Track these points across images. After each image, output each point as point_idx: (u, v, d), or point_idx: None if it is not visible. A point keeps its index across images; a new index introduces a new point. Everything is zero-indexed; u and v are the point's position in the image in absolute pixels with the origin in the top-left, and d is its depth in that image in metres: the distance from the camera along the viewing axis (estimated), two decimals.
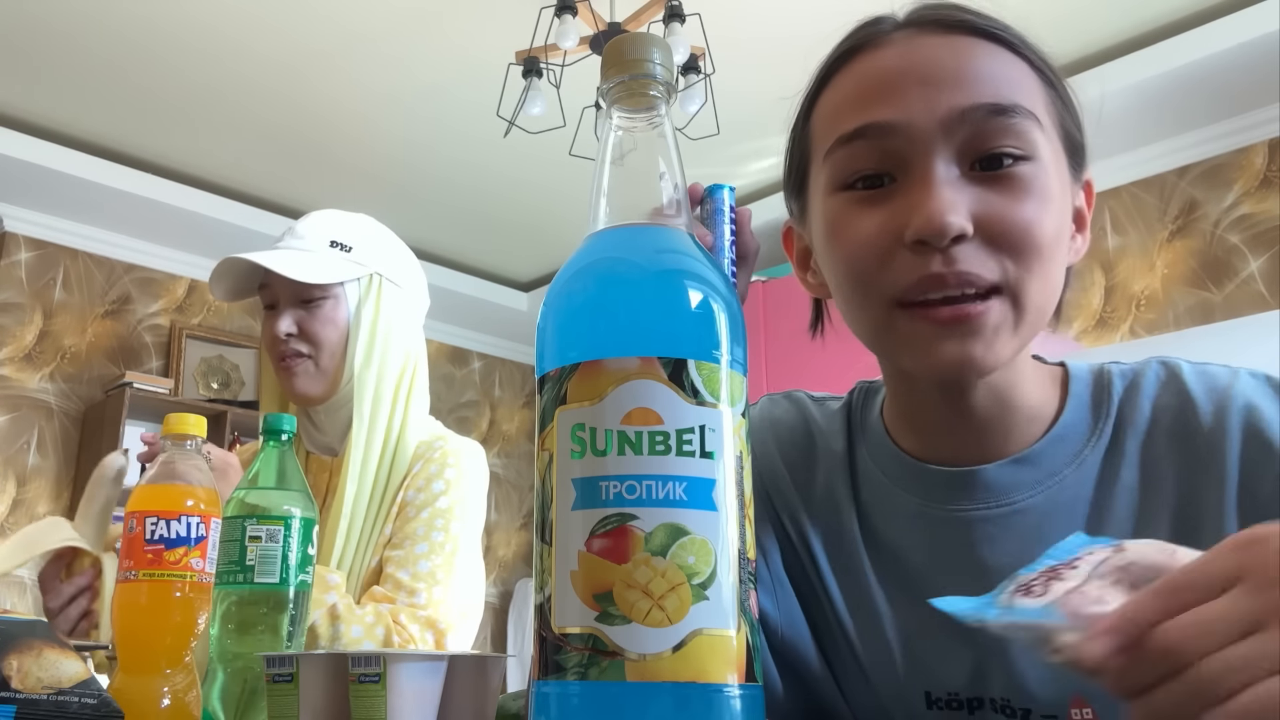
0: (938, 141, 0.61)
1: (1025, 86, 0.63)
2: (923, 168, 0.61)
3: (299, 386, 1.34)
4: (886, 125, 0.62)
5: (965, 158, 0.61)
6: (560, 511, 0.41)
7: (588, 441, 0.40)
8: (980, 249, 0.60)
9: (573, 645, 0.39)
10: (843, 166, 0.64)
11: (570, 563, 0.40)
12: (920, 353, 0.62)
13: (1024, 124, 0.61)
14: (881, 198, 0.63)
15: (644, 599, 0.38)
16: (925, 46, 0.64)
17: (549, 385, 0.43)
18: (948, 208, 0.58)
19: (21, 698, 0.57)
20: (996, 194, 0.61)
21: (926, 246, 0.59)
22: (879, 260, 0.62)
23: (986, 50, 0.63)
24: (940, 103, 0.61)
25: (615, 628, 0.38)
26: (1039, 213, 0.61)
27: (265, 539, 0.83)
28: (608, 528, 0.39)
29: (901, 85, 0.62)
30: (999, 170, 0.61)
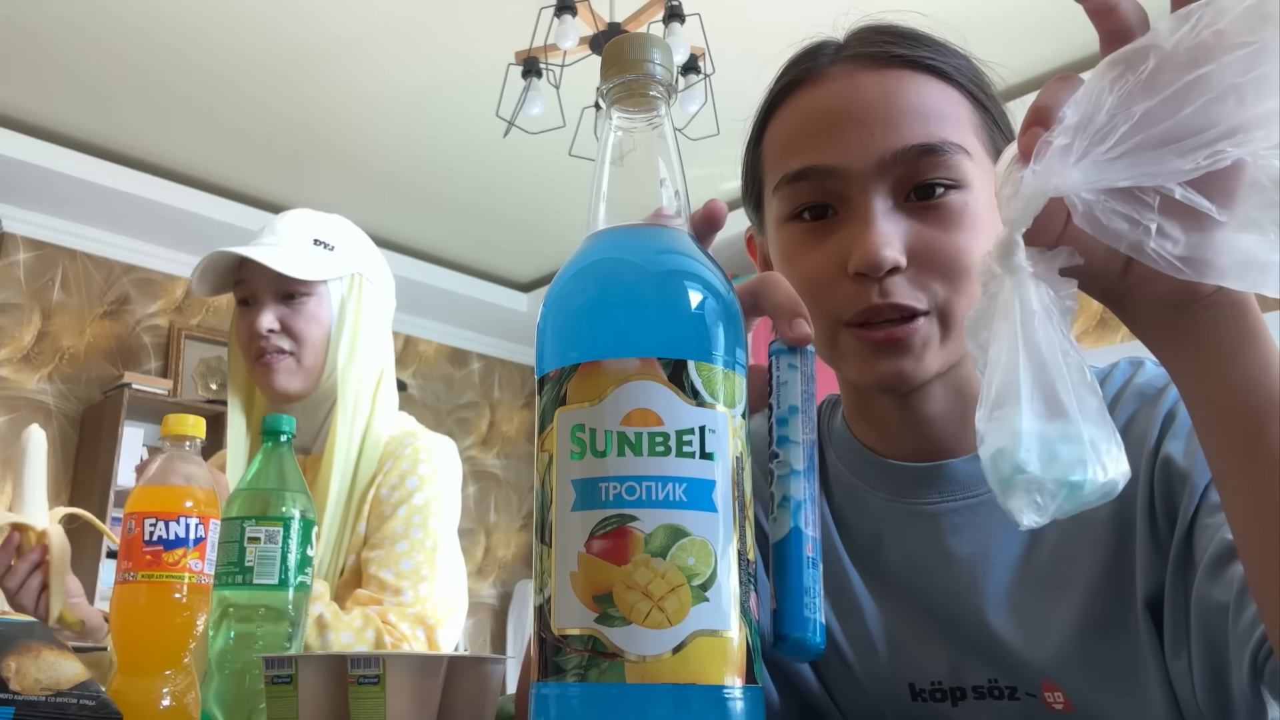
0: (873, 180, 0.67)
1: (954, 117, 0.69)
2: (861, 204, 0.67)
3: (279, 383, 1.33)
4: (826, 169, 0.68)
5: (900, 190, 0.67)
6: (560, 513, 0.40)
7: (587, 442, 0.40)
8: (913, 279, 0.66)
9: (572, 647, 0.39)
10: (790, 200, 0.71)
11: (570, 564, 0.39)
12: (860, 367, 0.69)
13: (953, 158, 0.67)
14: (826, 229, 0.69)
15: (644, 600, 0.38)
16: (860, 85, 0.70)
17: (548, 386, 0.42)
18: (884, 243, 0.65)
19: (20, 699, 0.56)
20: (929, 225, 0.67)
21: (865, 278, 0.66)
22: (825, 287, 0.69)
23: (917, 84, 0.69)
24: (874, 146, 0.67)
25: (615, 629, 0.38)
26: (969, 240, 0.67)
27: (264, 540, 0.83)
28: (607, 529, 0.39)
29: (839, 127, 0.69)
30: (932, 200, 0.67)
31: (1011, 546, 0.69)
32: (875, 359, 0.68)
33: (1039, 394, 0.42)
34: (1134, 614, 0.63)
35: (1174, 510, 0.62)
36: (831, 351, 0.71)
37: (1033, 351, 0.42)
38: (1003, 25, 2.93)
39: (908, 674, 0.70)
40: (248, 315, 1.35)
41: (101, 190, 3.70)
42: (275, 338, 1.32)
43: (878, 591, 0.73)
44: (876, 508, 0.74)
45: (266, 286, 1.34)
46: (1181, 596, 0.60)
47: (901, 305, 0.66)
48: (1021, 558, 0.68)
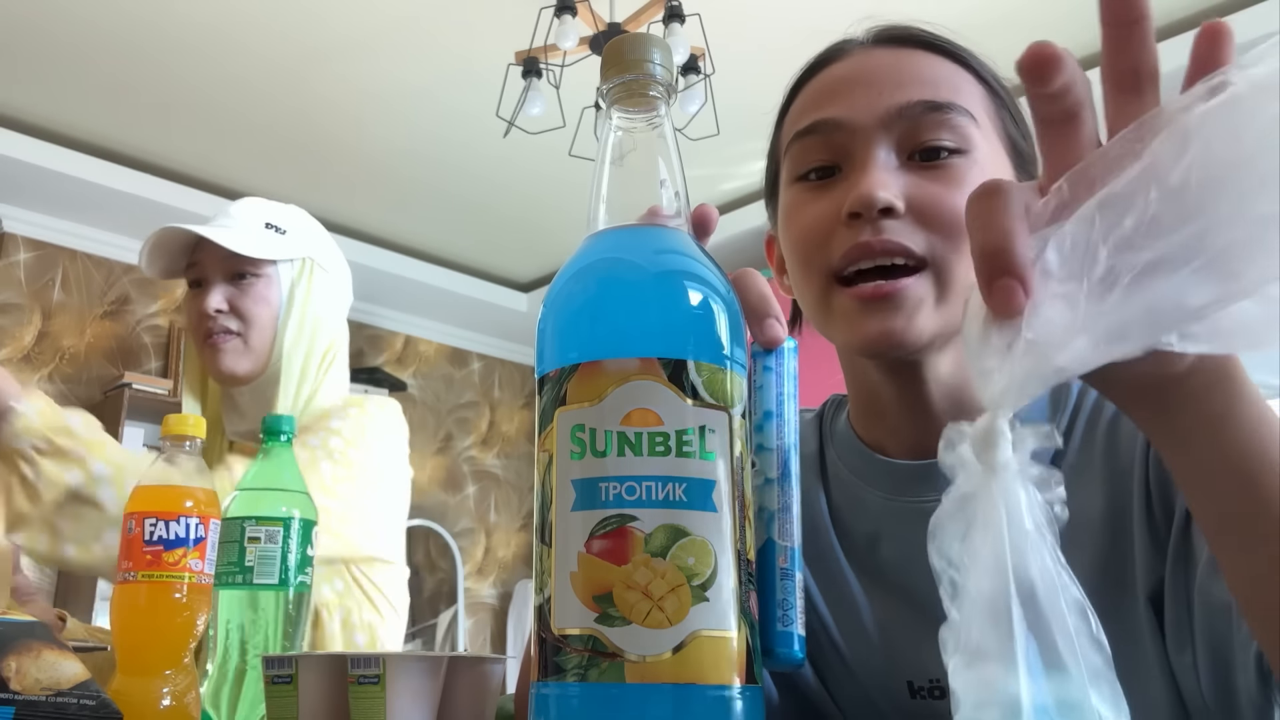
0: (878, 134, 0.67)
1: (963, 89, 0.70)
2: (863, 156, 0.67)
3: (225, 364, 1.32)
4: (833, 121, 0.69)
5: (904, 149, 0.67)
6: (560, 512, 0.41)
7: (587, 442, 0.40)
8: (909, 225, 0.65)
9: (572, 646, 0.39)
10: (797, 160, 0.72)
11: (570, 564, 0.39)
12: (848, 327, 0.68)
13: (958, 119, 0.67)
14: (829, 185, 0.70)
15: (644, 600, 0.38)
16: (875, 57, 0.72)
17: (549, 386, 0.43)
18: (878, 184, 0.65)
19: (20, 699, 0.56)
20: (930, 180, 0.66)
21: (859, 219, 0.66)
22: (821, 238, 0.68)
23: (929, 59, 0.71)
24: (881, 101, 0.68)
25: (615, 629, 0.38)
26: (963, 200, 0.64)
27: (264, 540, 0.83)
28: (607, 529, 0.39)
29: (848, 88, 0.70)
30: (935, 161, 0.67)
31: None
32: (863, 316, 0.66)
33: (1034, 645, 0.34)
34: (1134, 609, 0.63)
35: (1170, 505, 0.62)
36: (823, 313, 0.70)
37: (1025, 587, 0.34)
38: (1002, 25, 2.93)
39: (906, 672, 0.70)
40: (198, 297, 1.35)
41: (102, 190, 3.70)
42: (223, 318, 1.32)
43: (875, 590, 0.73)
44: (874, 506, 0.74)
45: (217, 267, 1.34)
46: (1183, 593, 0.60)
47: (895, 244, 0.65)
48: None
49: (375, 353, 4.75)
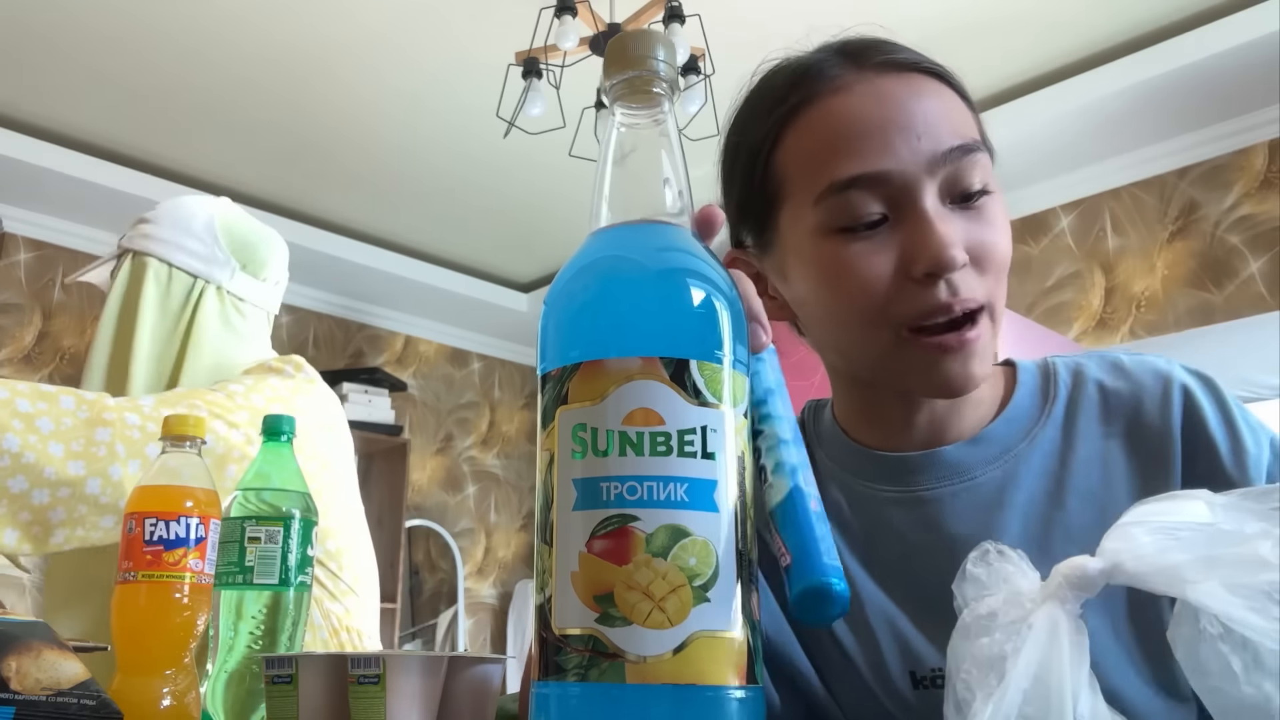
0: (925, 181, 0.67)
1: (970, 120, 0.72)
2: (918, 207, 0.67)
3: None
4: (882, 174, 0.68)
5: (946, 194, 0.68)
6: (561, 512, 0.40)
7: (589, 442, 0.40)
8: (970, 274, 0.68)
9: (573, 646, 0.39)
10: (838, 210, 0.69)
11: (571, 564, 0.39)
12: (927, 375, 0.69)
13: (984, 158, 0.70)
14: (879, 237, 0.69)
15: (645, 600, 0.38)
16: (889, 92, 0.70)
17: (550, 385, 0.42)
18: (950, 242, 0.66)
19: (21, 699, 0.56)
20: (976, 224, 0.69)
21: (933, 278, 0.67)
22: (888, 293, 0.68)
23: (937, 90, 0.71)
24: (922, 148, 0.68)
25: (615, 629, 0.38)
26: (1006, 238, 0.70)
27: (264, 540, 0.83)
28: (609, 529, 0.39)
29: (885, 133, 0.68)
30: (970, 203, 0.69)
31: (1013, 525, 0.71)
32: (944, 364, 0.68)
33: None
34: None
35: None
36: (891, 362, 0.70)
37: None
38: (1003, 26, 2.93)
39: (909, 663, 0.71)
40: None
41: (102, 190, 3.70)
42: None
43: (877, 582, 0.74)
44: (874, 499, 0.75)
45: None
46: None
47: (970, 299, 0.67)
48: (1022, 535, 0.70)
49: (375, 353, 4.75)
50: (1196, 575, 0.37)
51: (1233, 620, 0.35)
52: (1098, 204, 3.44)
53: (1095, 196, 3.44)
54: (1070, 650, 0.38)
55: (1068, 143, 3.26)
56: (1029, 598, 0.40)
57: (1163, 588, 0.37)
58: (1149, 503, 0.41)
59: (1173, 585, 0.37)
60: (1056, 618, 0.39)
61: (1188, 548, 0.38)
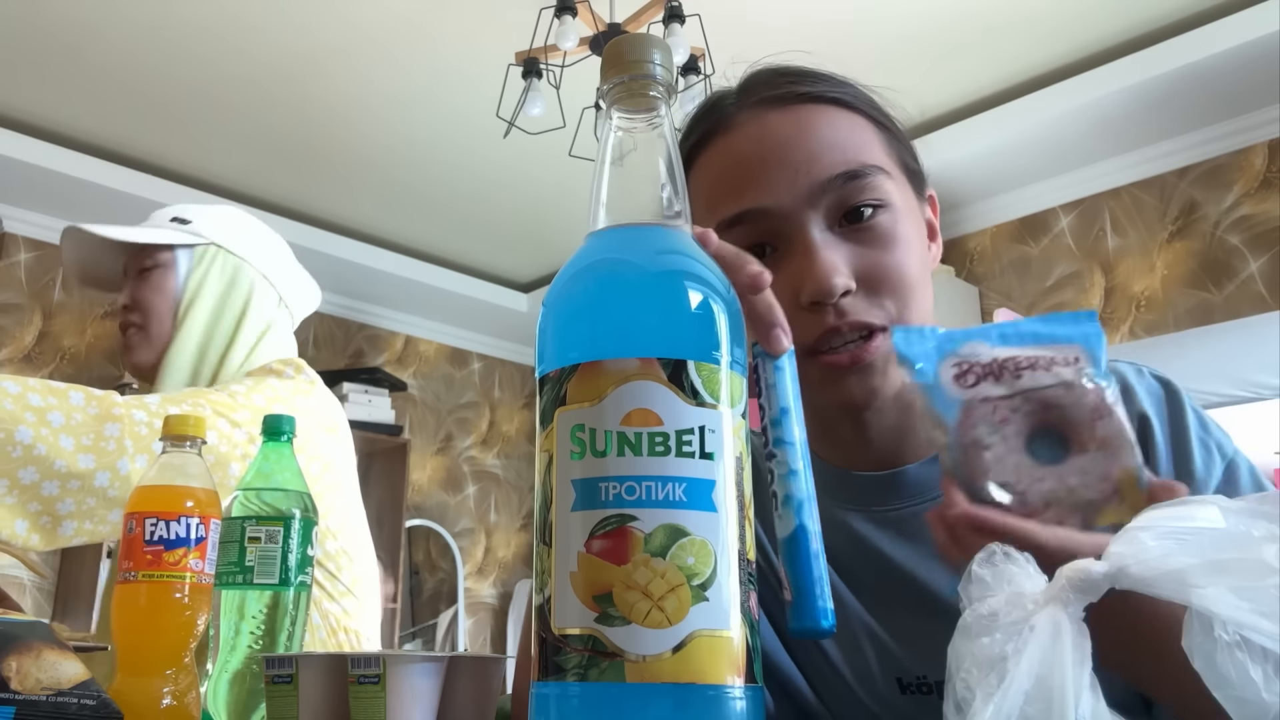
0: (805, 211, 0.69)
1: (867, 142, 0.72)
2: (801, 238, 0.70)
3: (131, 357, 1.34)
4: (759, 210, 0.70)
5: (831, 217, 0.70)
6: (560, 512, 0.41)
7: (587, 442, 0.40)
8: (864, 299, 0.69)
9: (572, 646, 0.39)
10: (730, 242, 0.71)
11: (570, 564, 0.39)
12: (829, 391, 0.71)
13: (875, 179, 0.70)
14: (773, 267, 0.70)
15: (644, 600, 0.38)
16: (773, 126, 0.72)
17: (549, 386, 0.43)
18: (832, 270, 0.67)
19: (21, 699, 0.56)
20: (867, 247, 0.70)
21: (820, 305, 0.68)
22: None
23: (826, 116, 0.72)
24: (800, 180, 0.69)
25: (615, 629, 0.38)
26: (904, 255, 0.70)
27: (265, 539, 0.83)
28: (607, 529, 0.39)
29: (762, 169, 0.71)
30: (862, 222, 0.70)
31: None
32: (843, 381, 0.70)
33: None
34: None
35: None
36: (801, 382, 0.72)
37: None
38: (1002, 26, 2.93)
39: (894, 670, 0.71)
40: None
41: (102, 190, 3.70)
42: (127, 312, 1.34)
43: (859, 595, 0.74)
44: (843, 518, 0.76)
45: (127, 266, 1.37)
46: None
47: (860, 322, 0.68)
48: None
49: (375, 353, 4.75)
50: (1202, 580, 0.37)
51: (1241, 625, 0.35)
52: (1098, 204, 3.44)
53: (1095, 196, 3.44)
54: (1072, 652, 0.38)
55: (1068, 143, 3.26)
56: (1031, 599, 0.40)
57: (1168, 593, 0.37)
58: (1159, 508, 0.41)
59: (1178, 590, 0.37)
60: (1059, 620, 0.39)
61: (1193, 552, 0.38)
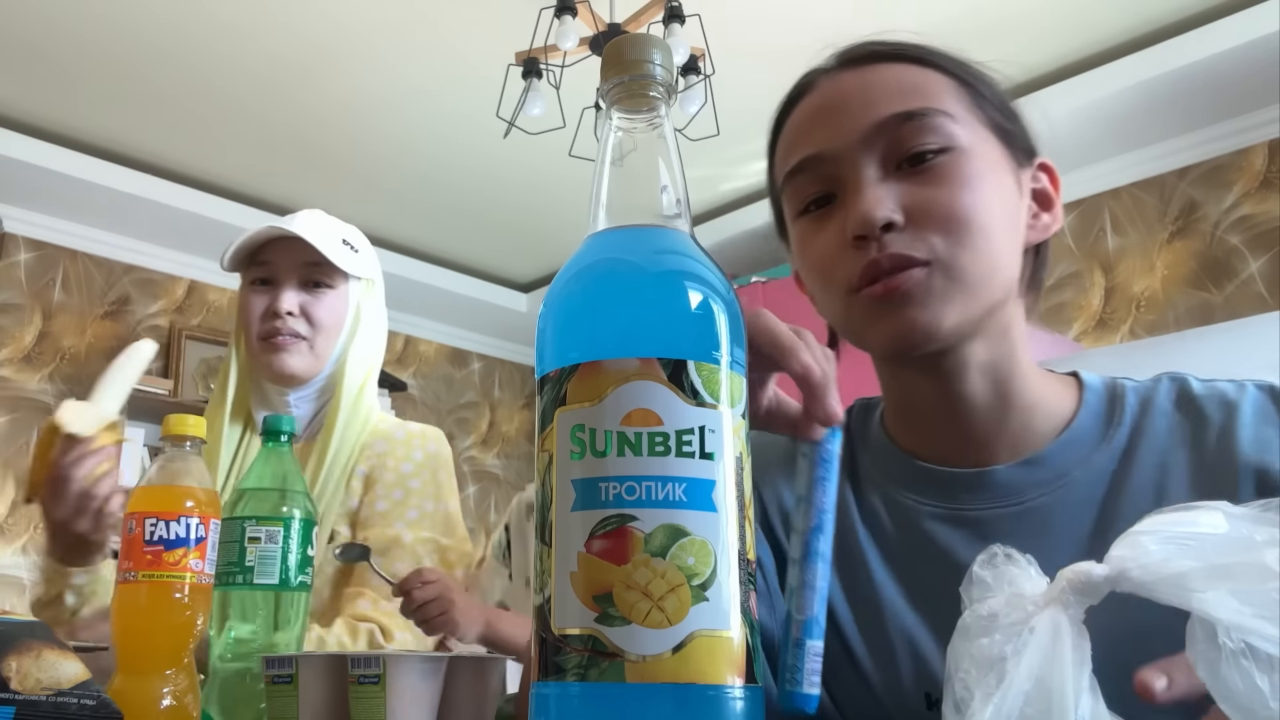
0: (860, 154, 0.70)
1: (934, 91, 0.72)
2: (854, 179, 0.70)
3: (289, 364, 1.36)
4: (817, 155, 0.72)
5: (890, 161, 0.70)
6: (560, 513, 0.40)
7: (587, 442, 0.40)
8: (910, 234, 0.68)
9: (572, 646, 0.39)
10: (795, 196, 0.75)
11: (570, 564, 0.39)
12: (873, 328, 0.70)
13: (935, 121, 0.69)
14: (829, 213, 0.73)
15: (644, 600, 0.38)
16: (842, 81, 0.74)
17: (549, 386, 0.42)
18: (875, 203, 0.67)
19: (21, 699, 0.56)
20: (922, 185, 0.69)
21: (865, 240, 0.68)
22: (833, 261, 0.71)
23: (894, 70, 0.73)
24: (857, 123, 0.70)
25: (615, 629, 0.38)
26: (964, 194, 0.68)
27: (265, 540, 0.83)
28: (607, 529, 0.39)
29: (825, 117, 0.73)
30: (922, 165, 0.69)
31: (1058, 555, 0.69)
32: (883, 315, 0.69)
33: None
34: None
35: None
36: (846, 324, 0.73)
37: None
38: (1002, 26, 2.93)
39: (926, 684, 0.69)
40: (265, 295, 1.38)
41: (102, 190, 3.70)
42: (293, 320, 1.36)
43: (907, 598, 0.72)
44: (916, 513, 0.73)
45: (292, 272, 1.38)
46: None
47: (899, 255, 0.67)
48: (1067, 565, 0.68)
49: None
50: (1203, 584, 0.36)
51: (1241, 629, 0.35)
52: (1098, 204, 3.44)
53: (1095, 196, 3.44)
54: (1072, 653, 0.38)
55: (1067, 142, 3.26)
56: (1031, 601, 0.40)
57: (1168, 597, 0.37)
58: (1164, 513, 0.41)
59: (1178, 594, 0.37)
60: (1059, 622, 0.39)
61: (1195, 556, 0.37)
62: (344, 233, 1.44)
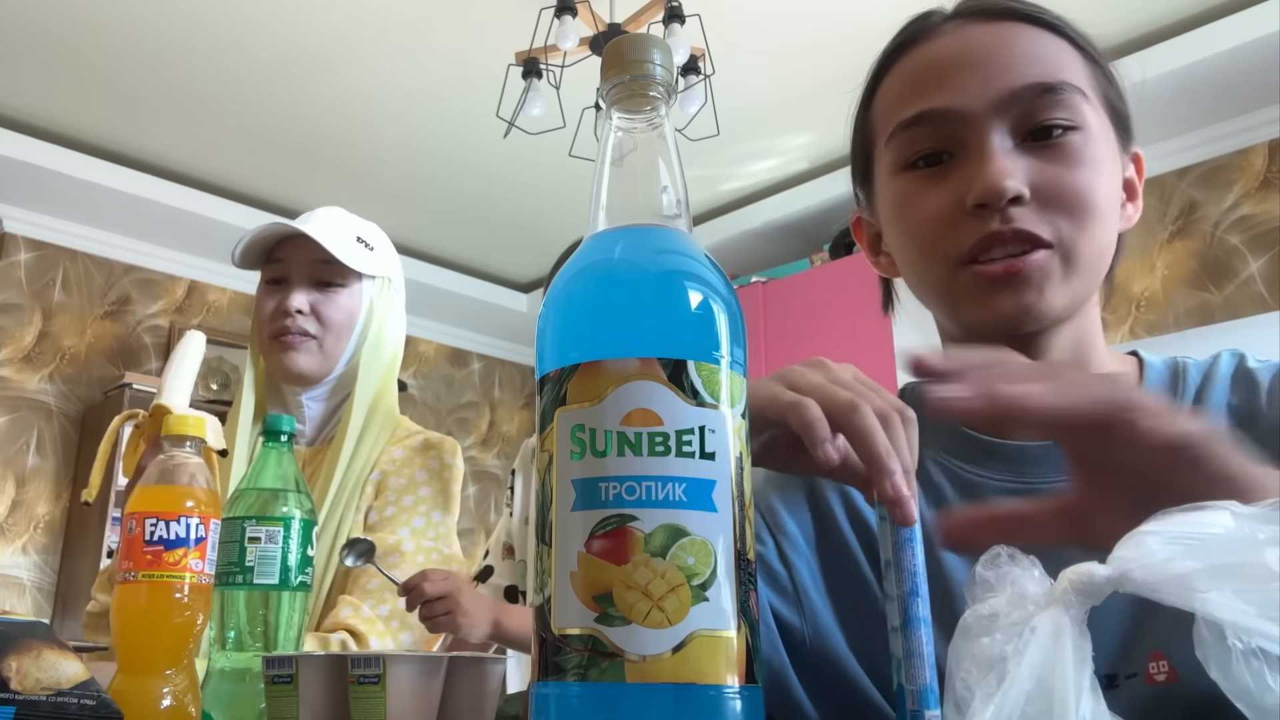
0: (991, 119, 0.67)
1: (1069, 64, 0.69)
2: (979, 143, 0.67)
3: (299, 363, 1.35)
4: (943, 110, 0.68)
5: (1018, 132, 0.67)
6: (560, 512, 0.41)
7: (587, 442, 0.40)
8: (1035, 211, 0.66)
9: (572, 646, 0.39)
10: (904, 149, 0.71)
11: (570, 564, 0.40)
12: (981, 306, 0.68)
13: (1071, 98, 0.68)
14: (942, 174, 0.69)
15: (643, 600, 0.38)
16: (974, 35, 0.70)
17: (549, 386, 0.43)
18: (1004, 173, 0.65)
19: (21, 699, 0.56)
20: (1049, 162, 0.67)
21: (986, 209, 0.66)
22: (945, 226, 0.68)
23: (1031, 34, 0.70)
24: (991, 86, 0.67)
25: (615, 629, 0.38)
26: (1090, 177, 0.67)
27: (265, 540, 0.83)
28: (607, 529, 0.39)
29: (955, 72, 0.69)
30: (1050, 140, 0.67)
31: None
32: (996, 294, 0.66)
33: None
34: None
35: None
36: (948, 296, 0.70)
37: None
38: None
39: None
40: (277, 294, 1.37)
41: (102, 190, 3.70)
42: (302, 319, 1.35)
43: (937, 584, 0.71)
44: (982, 487, 0.72)
45: (303, 271, 1.37)
46: None
47: (1024, 231, 0.65)
48: None
49: None
50: (1206, 584, 0.36)
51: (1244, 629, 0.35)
52: None
53: None
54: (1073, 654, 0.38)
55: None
56: (1033, 600, 0.40)
57: (1172, 598, 0.37)
58: (1171, 512, 0.41)
59: (1182, 595, 0.37)
60: (1060, 622, 0.39)
61: (1198, 556, 0.37)
62: (360, 230, 1.42)
